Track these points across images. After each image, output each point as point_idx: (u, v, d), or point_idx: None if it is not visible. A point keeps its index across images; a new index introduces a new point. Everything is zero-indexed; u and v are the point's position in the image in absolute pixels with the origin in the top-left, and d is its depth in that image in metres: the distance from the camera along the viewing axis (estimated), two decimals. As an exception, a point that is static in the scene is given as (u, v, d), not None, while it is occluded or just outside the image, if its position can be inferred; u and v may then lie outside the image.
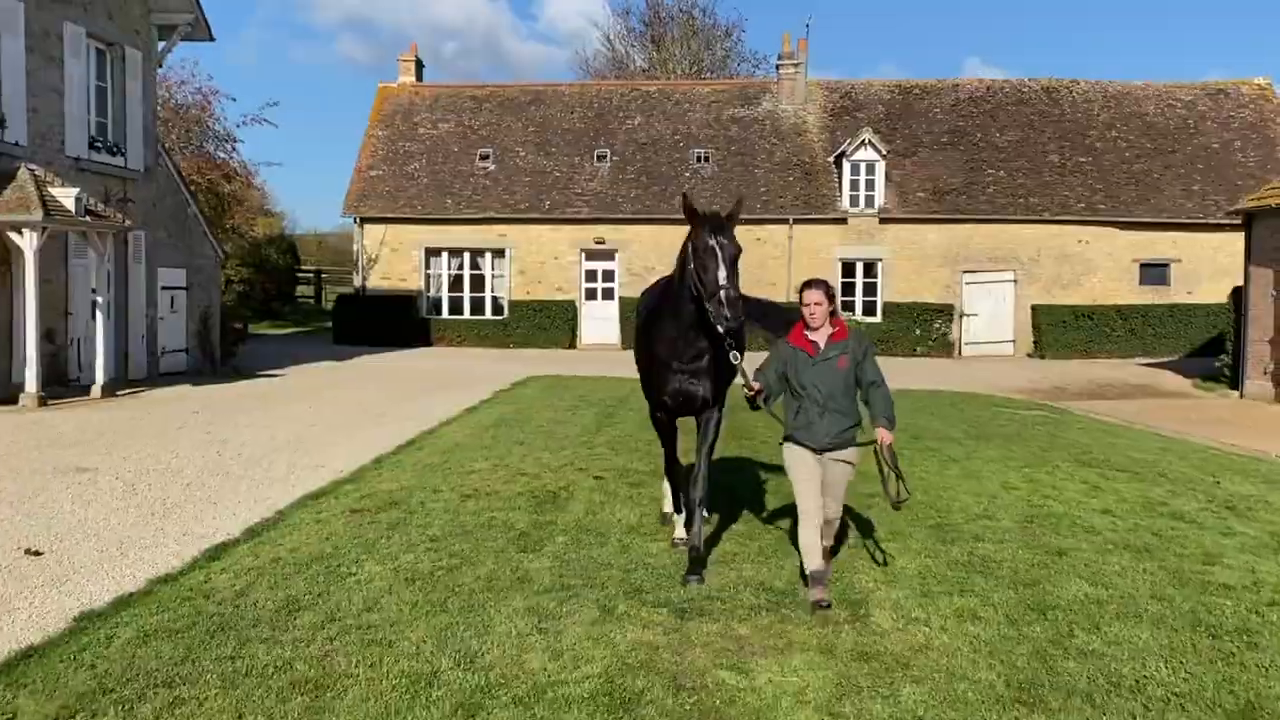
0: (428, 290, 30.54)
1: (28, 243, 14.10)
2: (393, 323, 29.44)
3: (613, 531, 7.13)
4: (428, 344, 29.35)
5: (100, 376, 15.67)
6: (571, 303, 30.10)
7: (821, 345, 5.74)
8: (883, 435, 5.64)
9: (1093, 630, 5.17)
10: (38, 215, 13.89)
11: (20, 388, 15.04)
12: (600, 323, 30.01)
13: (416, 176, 31.07)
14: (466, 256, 30.58)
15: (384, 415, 13.98)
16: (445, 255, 30.61)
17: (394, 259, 30.42)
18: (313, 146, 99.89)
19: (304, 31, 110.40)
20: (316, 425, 12.95)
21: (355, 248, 31.06)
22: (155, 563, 6.45)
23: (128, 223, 16.38)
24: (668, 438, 6.84)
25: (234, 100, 50.14)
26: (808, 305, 5.74)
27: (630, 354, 7.33)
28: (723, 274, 5.50)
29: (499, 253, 30.47)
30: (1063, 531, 7.37)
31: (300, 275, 44.68)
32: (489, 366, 22.52)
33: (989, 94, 32.51)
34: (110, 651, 4.78)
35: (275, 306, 38.27)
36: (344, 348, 27.71)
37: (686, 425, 6.74)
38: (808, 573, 5.62)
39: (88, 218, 15.07)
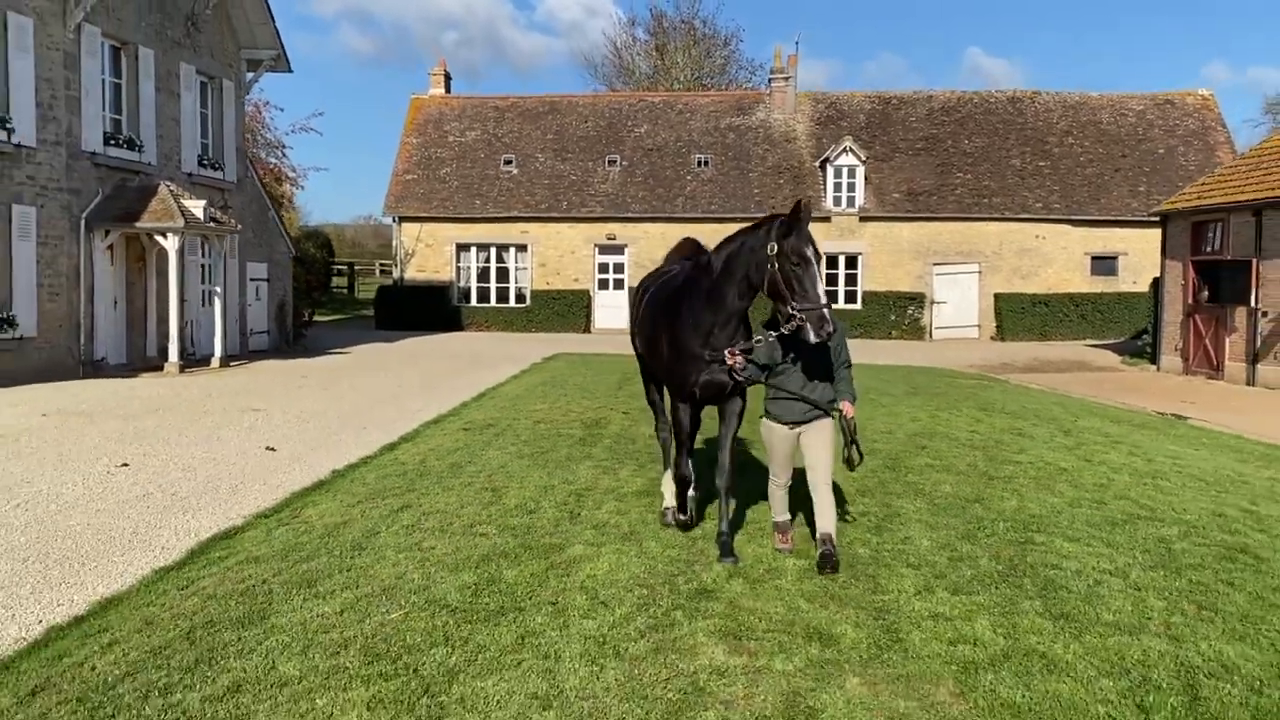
0: (458, 281, 34.40)
1: (171, 244, 17.94)
2: (428, 310, 33.32)
3: (640, 438, 10.95)
4: (459, 329, 33.23)
5: (218, 350, 19.55)
6: (586, 292, 33.94)
7: None
8: (846, 407, 6.12)
9: (919, 476, 9.00)
10: (180, 223, 17.72)
11: (153, 360, 18.93)
12: (611, 310, 33.82)
13: (448, 180, 34.89)
14: (493, 251, 34.44)
15: (447, 381, 17.80)
16: (474, 250, 34.46)
17: (428, 253, 34.27)
18: (321, 138, 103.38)
19: (303, 22, 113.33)
20: (402, 386, 16.79)
21: (394, 244, 34.93)
22: (352, 453, 10.25)
23: (239, 227, 20.23)
24: (686, 431, 6.56)
25: (281, 110, 53.85)
26: None
27: None
28: (822, 289, 5.60)
29: (522, 248, 34.31)
30: (935, 440, 11.20)
31: (335, 268, 48.51)
32: (518, 347, 26.33)
33: (959, 104, 36.22)
34: (369, 480, 8.63)
35: (315, 296, 42.00)
36: (386, 332, 31.57)
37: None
38: (774, 521, 6.54)
39: (211, 223, 18.89)
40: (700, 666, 4.47)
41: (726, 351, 5.97)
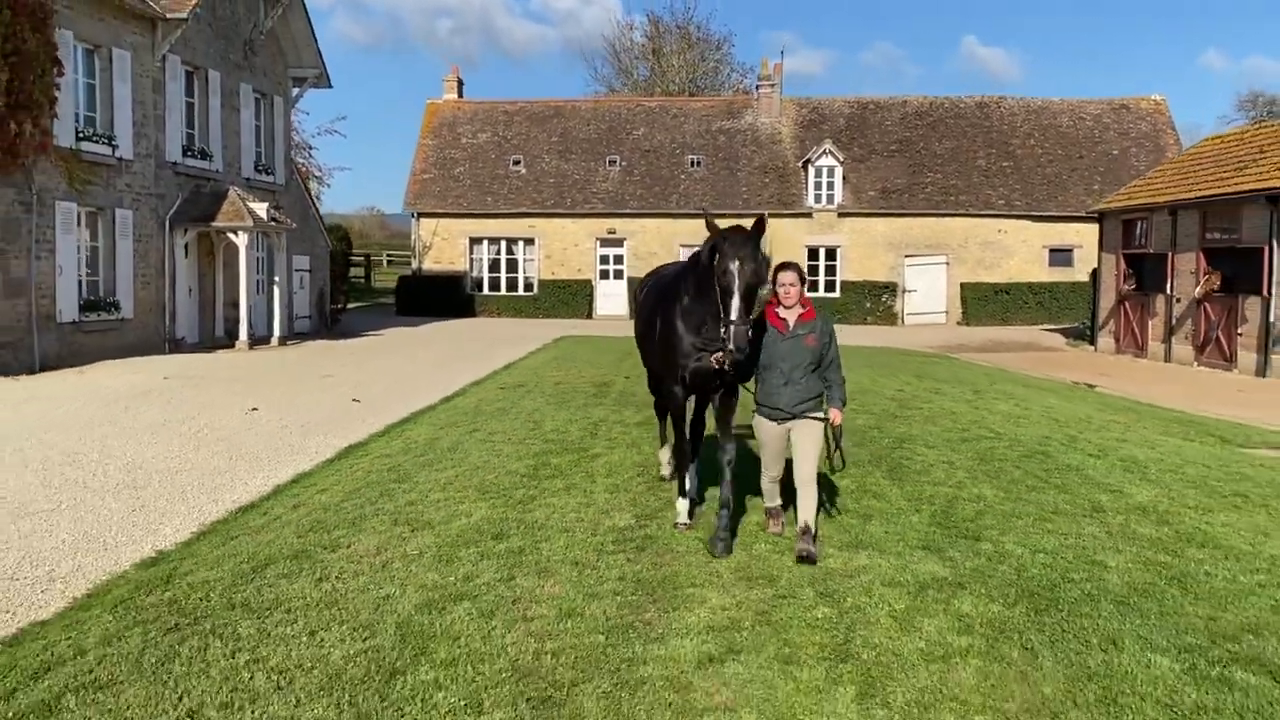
0: (471, 271, 37.67)
1: (242, 241, 21.19)
2: (444, 298, 36.57)
3: (639, 393, 14.15)
4: (473, 315, 36.51)
5: (277, 331, 22.83)
6: (588, 282, 37.22)
7: (791, 323, 6.27)
8: (835, 415, 6.41)
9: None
10: (250, 222, 20.96)
11: (221, 340, 22.18)
12: (611, 298, 37.10)
13: (461, 179, 38.11)
14: (503, 244, 37.70)
15: (475, 356, 21.03)
16: (485, 243, 37.72)
17: (444, 246, 37.52)
18: (344, 139, 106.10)
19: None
20: (436, 360, 20.04)
21: (413, 237, 38.21)
22: (421, 402, 13.45)
23: (293, 225, 23.48)
24: (681, 418, 6.83)
25: (307, 114, 57.21)
26: (783, 285, 6.24)
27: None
28: (735, 306, 5.72)
29: (529, 241, 37.57)
30: (865, 395, 14.43)
31: (352, 259, 51.73)
32: (530, 330, 29.56)
33: (931, 109, 39.42)
34: (442, 417, 11.90)
35: (338, 286, 45.24)
36: (407, 318, 34.83)
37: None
38: (766, 507, 6.90)
39: (273, 223, 22.13)
40: (672, 497, 7.74)
41: (713, 358, 6.16)
